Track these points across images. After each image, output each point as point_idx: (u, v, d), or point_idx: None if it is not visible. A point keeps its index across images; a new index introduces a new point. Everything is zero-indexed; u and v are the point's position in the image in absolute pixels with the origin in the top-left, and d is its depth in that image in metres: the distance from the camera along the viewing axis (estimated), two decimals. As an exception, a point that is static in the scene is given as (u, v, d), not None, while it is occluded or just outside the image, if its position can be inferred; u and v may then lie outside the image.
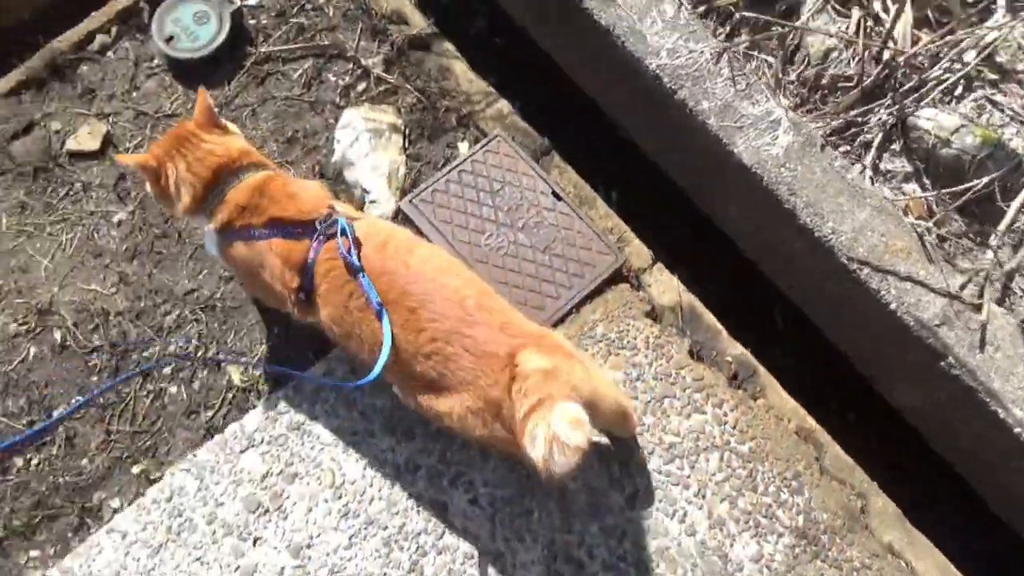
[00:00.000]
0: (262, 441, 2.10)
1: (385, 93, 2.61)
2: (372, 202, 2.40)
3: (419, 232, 2.39)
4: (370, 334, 1.65)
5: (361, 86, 2.62)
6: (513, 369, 1.31)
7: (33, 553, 2.09)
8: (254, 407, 2.20)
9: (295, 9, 2.72)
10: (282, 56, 2.64)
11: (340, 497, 2.06)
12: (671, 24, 2.21)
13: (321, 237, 1.66)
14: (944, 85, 2.12)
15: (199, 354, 2.25)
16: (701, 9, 2.34)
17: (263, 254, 1.71)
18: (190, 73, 2.59)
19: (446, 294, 1.60)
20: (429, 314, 1.58)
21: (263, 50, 2.63)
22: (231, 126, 1.92)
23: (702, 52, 2.18)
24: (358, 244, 1.66)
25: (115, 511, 2.11)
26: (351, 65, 2.65)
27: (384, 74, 2.63)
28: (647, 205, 2.65)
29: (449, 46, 2.71)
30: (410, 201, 2.42)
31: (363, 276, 1.61)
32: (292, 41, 2.67)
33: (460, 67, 2.68)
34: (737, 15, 2.42)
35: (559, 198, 2.46)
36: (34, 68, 2.59)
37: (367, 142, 2.45)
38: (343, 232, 1.64)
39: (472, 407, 1.58)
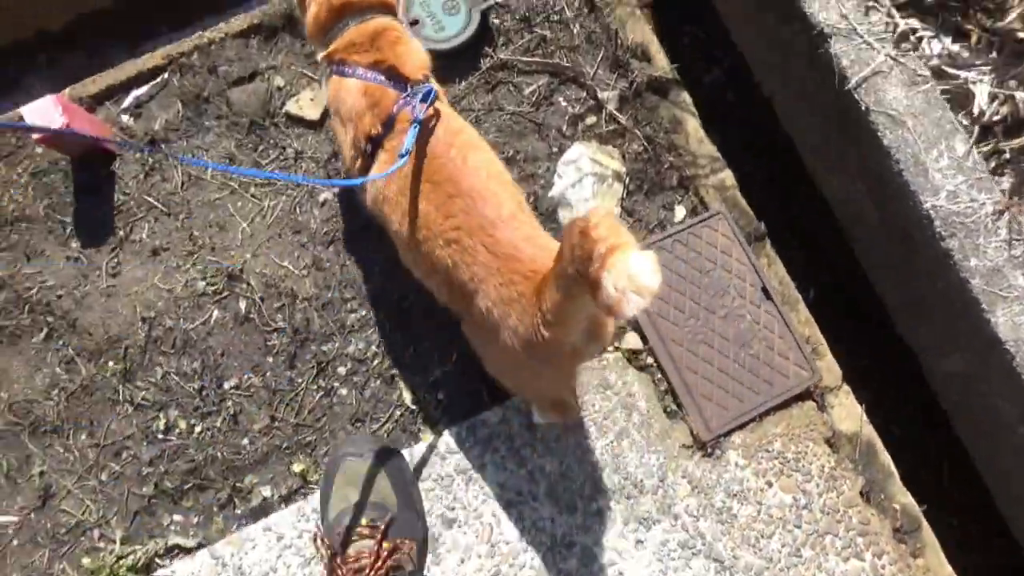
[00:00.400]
0: (428, 477, 2.06)
1: (613, 133, 2.48)
2: (581, 251, 2.30)
3: (620, 294, 2.29)
4: (407, 211, 1.67)
5: (590, 119, 2.50)
6: (586, 224, 1.22)
7: (177, 517, 2.09)
8: (420, 430, 2.15)
9: (540, 18, 2.58)
10: (518, 66, 2.52)
11: (493, 556, 2.01)
12: (957, 164, 2.05)
13: (410, 97, 1.66)
14: None
15: (375, 363, 2.20)
16: (986, 148, 2.17)
17: (354, 93, 1.71)
18: (424, 61, 2.47)
19: (486, 195, 1.60)
20: (463, 203, 1.59)
21: (501, 56, 2.50)
22: None
23: (983, 204, 2.02)
24: (437, 115, 1.68)
25: (265, 499, 2.09)
26: (584, 94, 2.52)
27: (617, 112, 2.50)
28: (845, 316, 2.52)
29: (686, 98, 2.57)
30: (619, 260, 2.31)
31: (416, 127, 1.60)
32: (531, 52, 2.54)
33: (693, 124, 2.54)
34: (1007, 154, 2.26)
35: (768, 296, 2.34)
36: (269, 15, 2.50)
37: (590, 186, 2.34)
38: (426, 97, 1.64)
39: (484, 306, 1.56)
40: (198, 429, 2.13)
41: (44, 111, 2.10)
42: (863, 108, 2.12)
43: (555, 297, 1.37)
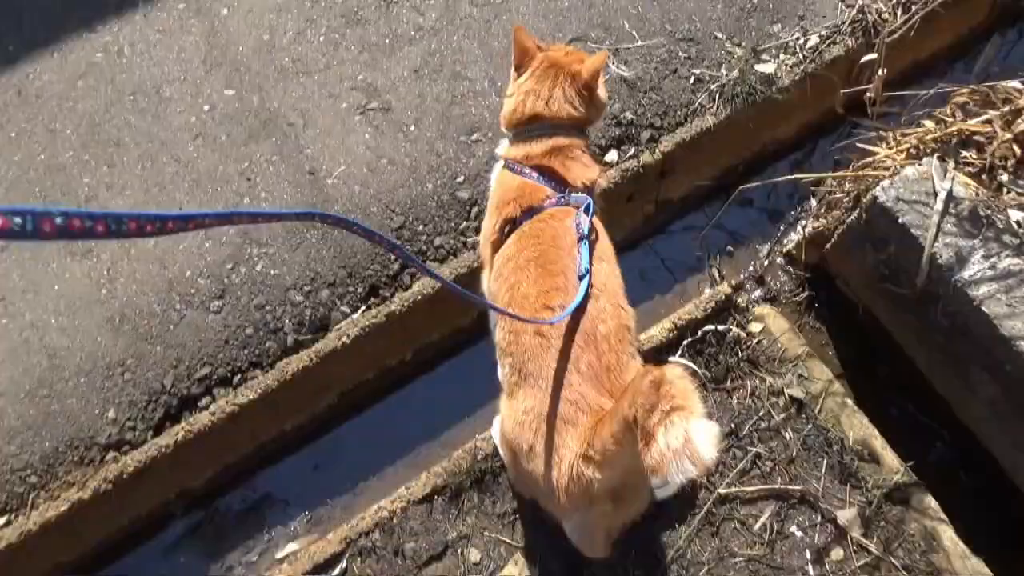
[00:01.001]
0: None
1: (866, 568, 2.12)
2: None
3: None
4: (513, 286, 1.67)
5: (836, 552, 2.14)
6: (660, 377, 1.24)
7: None
8: None
9: (748, 427, 2.30)
10: (739, 496, 2.20)
11: None
12: None
13: (563, 200, 1.73)
14: None
15: None
16: None
17: (511, 185, 1.79)
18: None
19: (589, 305, 1.57)
20: (564, 300, 1.58)
21: (720, 491, 2.19)
22: (602, 95, 1.91)
23: None
24: (593, 228, 1.72)
25: None
26: (819, 517, 2.19)
27: (863, 539, 2.14)
28: None
29: (931, 503, 2.22)
30: None
31: (585, 244, 1.63)
32: (748, 475, 2.24)
33: (949, 535, 2.18)
34: None
35: None
36: (450, 472, 2.23)
37: (870, 659, 1.94)
38: (588, 209, 1.71)
39: (523, 412, 1.54)
40: None
41: None
42: None
43: (605, 436, 1.35)
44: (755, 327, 2.46)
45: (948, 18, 2.70)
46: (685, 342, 2.40)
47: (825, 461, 2.27)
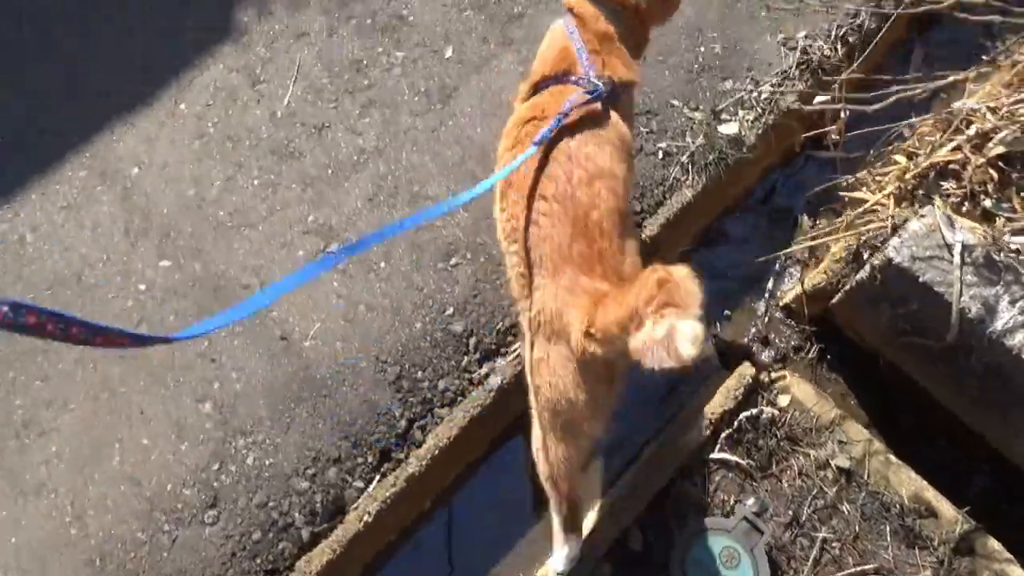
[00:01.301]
0: None
1: (958, 632, 2.07)
2: None
3: None
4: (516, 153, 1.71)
5: (929, 626, 2.09)
6: (667, 277, 1.30)
7: None
8: None
9: (807, 510, 2.22)
10: (819, 589, 2.11)
11: None
12: None
13: (581, 80, 1.73)
14: None
15: None
16: None
17: (556, 48, 1.83)
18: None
19: (582, 191, 1.60)
20: (551, 188, 1.61)
21: (801, 589, 2.10)
22: None
23: None
24: (596, 115, 1.70)
25: None
26: (901, 591, 2.13)
27: (947, 602, 2.10)
28: None
29: (995, 546, 2.20)
30: None
31: (558, 120, 1.64)
32: (820, 564, 2.15)
33: (1018, 574, 2.17)
34: None
35: None
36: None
37: None
38: (594, 94, 1.69)
39: (554, 291, 1.56)
40: None
41: None
42: None
43: (610, 320, 1.40)
44: (783, 400, 2.38)
45: (880, 40, 2.71)
46: (723, 435, 2.29)
47: (887, 527, 2.22)
